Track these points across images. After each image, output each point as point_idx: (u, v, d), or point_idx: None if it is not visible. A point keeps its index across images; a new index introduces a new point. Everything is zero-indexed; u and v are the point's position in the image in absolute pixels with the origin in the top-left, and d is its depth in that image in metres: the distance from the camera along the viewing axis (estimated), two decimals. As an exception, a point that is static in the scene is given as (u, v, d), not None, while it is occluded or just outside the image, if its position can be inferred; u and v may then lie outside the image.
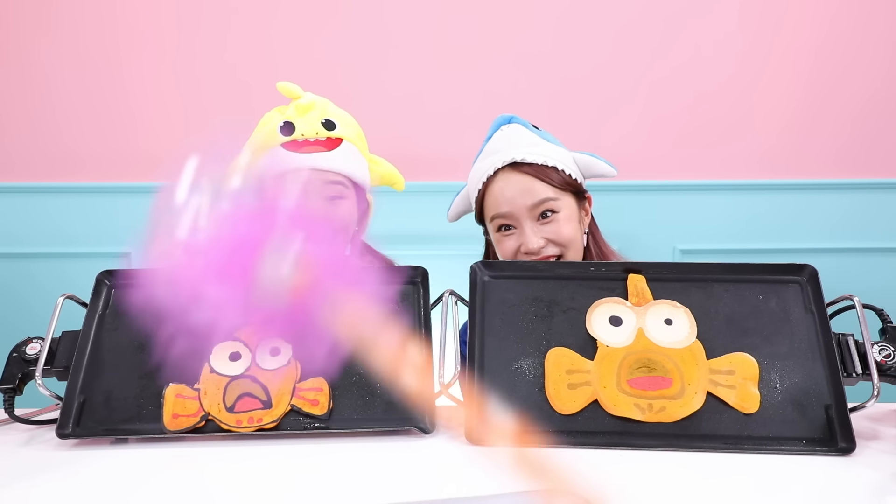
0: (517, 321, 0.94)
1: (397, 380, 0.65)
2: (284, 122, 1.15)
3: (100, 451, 0.85)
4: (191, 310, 0.58)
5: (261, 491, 0.74)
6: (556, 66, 1.92)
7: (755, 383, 0.87)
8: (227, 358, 0.92)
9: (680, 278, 0.96)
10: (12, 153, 1.93)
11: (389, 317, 0.61)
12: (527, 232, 1.15)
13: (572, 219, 1.16)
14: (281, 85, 1.18)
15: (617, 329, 0.92)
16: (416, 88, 1.94)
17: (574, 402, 0.87)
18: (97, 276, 0.99)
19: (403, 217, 1.87)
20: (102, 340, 0.94)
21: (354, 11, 1.91)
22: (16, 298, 1.93)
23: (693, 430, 0.85)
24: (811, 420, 0.85)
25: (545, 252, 1.15)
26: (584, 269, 0.98)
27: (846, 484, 0.75)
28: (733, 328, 0.91)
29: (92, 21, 1.90)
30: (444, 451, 0.85)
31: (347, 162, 1.18)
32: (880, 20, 1.89)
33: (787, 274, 0.95)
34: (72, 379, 0.90)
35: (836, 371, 0.87)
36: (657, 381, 0.88)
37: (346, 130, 1.19)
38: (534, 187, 1.14)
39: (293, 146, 1.14)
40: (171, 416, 0.87)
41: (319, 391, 0.89)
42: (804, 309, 0.92)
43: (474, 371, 0.90)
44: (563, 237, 1.15)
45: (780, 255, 1.92)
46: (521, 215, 1.15)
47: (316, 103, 1.18)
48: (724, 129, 1.92)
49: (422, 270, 1.00)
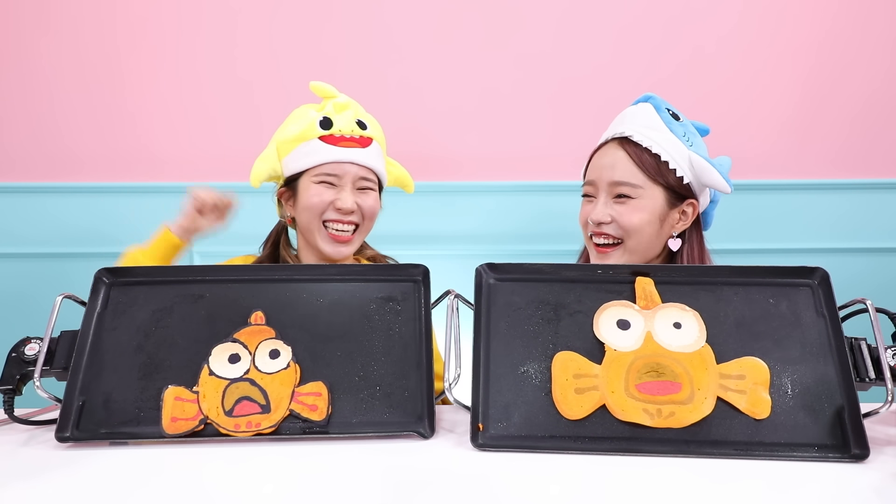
0: (523, 324, 0.92)
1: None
2: (324, 118, 1.25)
3: (98, 452, 0.83)
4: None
5: (260, 493, 0.72)
6: (557, 66, 1.91)
7: (766, 388, 0.85)
8: (226, 360, 0.90)
9: (688, 281, 0.94)
10: (12, 153, 1.92)
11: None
12: (598, 203, 1.17)
13: (647, 210, 1.15)
14: (314, 85, 1.27)
15: (625, 333, 0.90)
16: (417, 88, 1.92)
17: (581, 408, 0.85)
18: (95, 274, 0.97)
19: (404, 217, 1.86)
20: (101, 340, 0.92)
21: (355, 11, 1.90)
22: (16, 298, 1.92)
23: (703, 436, 0.83)
24: (823, 426, 0.83)
25: (606, 230, 1.16)
26: (591, 271, 0.96)
27: (857, 490, 0.73)
28: (743, 332, 0.90)
29: (92, 21, 1.89)
30: (445, 456, 0.83)
31: (377, 160, 1.29)
32: (880, 21, 1.88)
33: (797, 277, 0.94)
34: (70, 380, 0.88)
35: (849, 375, 0.85)
36: (666, 386, 0.86)
37: (374, 132, 1.30)
38: (623, 166, 1.15)
39: (331, 140, 1.24)
40: (170, 419, 0.85)
41: (318, 396, 0.88)
42: (815, 312, 0.91)
43: (479, 374, 0.88)
44: (627, 223, 1.15)
45: (779, 255, 1.93)
46: (601, 187, 1.17)
47: (351, 103, 1.28)
48: (724, 130, 1.90)
49: (422, 268, 0.98)
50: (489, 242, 1.93)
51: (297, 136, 1.25)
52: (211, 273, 0.99)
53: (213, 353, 0.90)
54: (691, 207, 1.19)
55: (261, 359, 0.90)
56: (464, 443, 0.86)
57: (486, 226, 1.93)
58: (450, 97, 1.92)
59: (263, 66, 1.90)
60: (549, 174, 1.89)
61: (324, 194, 1.25)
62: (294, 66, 1.90)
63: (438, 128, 1.93)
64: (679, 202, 1.17)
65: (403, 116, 1.90)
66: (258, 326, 0.93)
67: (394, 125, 1.70)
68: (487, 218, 1.93)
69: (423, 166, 1.86)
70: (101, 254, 1.92)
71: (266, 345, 0.92)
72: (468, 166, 1.94)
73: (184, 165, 1.93)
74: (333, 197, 1.25)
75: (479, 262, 0.95)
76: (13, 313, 1.92)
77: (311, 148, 1.25)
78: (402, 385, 0.89)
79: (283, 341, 0.92)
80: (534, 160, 1.92)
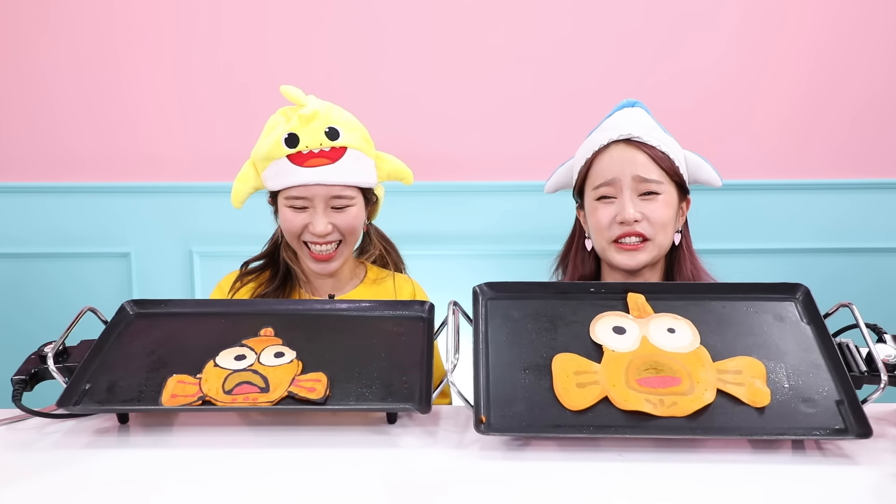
0: (521, 334, 0.94)
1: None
2: (289, 135, 1.18)
3: (102, 452, 0.82)
4: None
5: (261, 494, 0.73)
6: (558, 68, 1.94)
7: (763, 381, 0.87)
8: (231, 358, 0.91)
9: (678, 297, 0.99)
10: (11, 153, 1.92)
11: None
12: (625, 201, 1.13)
13: (671, 206, 1.15)
14: (284, 89, 1.19)
15: (621, 336, 0.93)
16: (415, 87, 1.94)
17: (584, 399, 0.85)
18: (123, 304, 1.00)
19: (405, 216, 1.84)
20: (116, 346, 0.95)
21: (352, 12, 1.93)
22: (15, 298, 1.88)
23: (707, 423, 0.83)
24: (824, 413, 0.84)
25: (637, 228, 1.13)
26: (584, 288, 1.01)
27: (858, 491, 0.74)
28: (734, 336, 0.93)
29: (90, 21, 1.92)
30: (446, 455, 0.83)
31: (352, 171, 1.21)
32: (880, 22, 1.93)
33: (780, 293, 0.99)
34: (80, 370, 0.89)
35: (842, 368, 0.87)
36: (666, 380, 0.87)
37: (349, 137, 1.21)
38: (644, 163, 1.14)
39: (298, 159, 1.17)
40: (170, 395, 0.85)
41: (318, 381, 0.88)
42: (801, 321, 0.95)
43: (479, 374, 0.89)
44: (658, 219, 1.13)
45: (779, 255, 1.93)
46: (624, 185, 1.14)
47: (319, 112, 1.18)
48: (725, 131, 1.95)
49: (428, 304, 1.02)
50: (494, 242, 1.92)
51: (266, 156, 1.20)
52: (231, 305, 1.07)
53: (220, 354, 0.92)
54: (686, 203, 1.23)
55: (266, 357, 0.91)
56: (464, 444, 0.85)
57: (492, 226, 1.93)
58: (450, 96, 1.95)
59: (260, 67, 1.91)
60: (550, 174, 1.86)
61: (296, 219, 1.20)
62: (291, 68, 1.92)
63: (438, 128, 1.95)
64: (682, 199, 1.21)
65: (402, 116, 1.92)
66: (267, 337, 0.96)
67: (392, 125, 1.69)
68: (493, 218, 1.93)
69: (422, 166, 1.87)
70: (100, 254, 1.92)
71: (272, 349, 0.93)
72: (469, 166, 1.96)
73: (182, 165, 1.93)
74: (306, 221, 1.20)
75: (484, 261, 0.99)
76: (13, 313, 1.89)
77: (279, 168, 1.19)
78: (402, 380, 0.90)
79: (290, 347, 0.94)
80: (538, 161, 1.90)
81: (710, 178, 1.20)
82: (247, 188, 1.24)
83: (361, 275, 1.33)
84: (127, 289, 1.95)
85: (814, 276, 1.76)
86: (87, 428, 0.88)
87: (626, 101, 1.22)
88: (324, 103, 1.21)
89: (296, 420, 0.89)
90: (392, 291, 1.30)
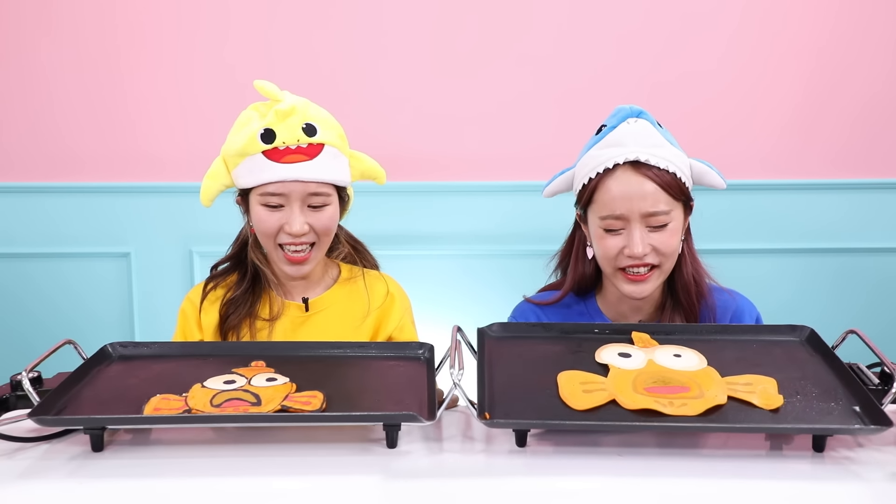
0: (527, 364, 0.93)
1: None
2: (265, 130, 1.14)
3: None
4: None
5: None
6: (558, 69, 1.93)
7: (776, 391, 0.84)
8: (220, 382, 0.89)
9: (683, 339, 0.98)
10: (12, 153, 1.89)
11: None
12: (634, 236, 1.10)
13: (679, 231, 1.13)
14: (259, 84, 1.16)
15: (627, 360, 0.91)
16: (413, 88, 1.92)
17: (590, 401, 0.82)
18: (105, 345, 0.99)
19: (400, 216, 1.79)
20: (97, 376, 0.92)
21: (353, 13, 1.93)
22: (14, 298, 1.79)
23: (719, 421, 0.80)
24: (840, 415, 0.80)
25: (647, 259, 1.10)
26: (588, 329, 1.01)
27: (857, 491, 0.74)
28: (742, 361, 0.91)
29: (92, 21, 1.92)
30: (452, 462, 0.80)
31: (329, 168, 1.18)
32: (881, 23, 1.93)
33: (784, 335, 0.98)
34: (56, 391, 0.85)
35: (856, 382, 0.85)
36: (674, 389, 0.84)
37: (326, 134, 1.18)
38: (653, 195, 1.10)
39: (274, 155, 1.14)
40: (153, 409, 0.81)
41: (313, 397, 0.84)
42: (809, 354, 0.94)
43: (482, 373, 0.89)
44: (668, 249, 1.11)
45: (779, 255, 1.88)
46: (633, 218, 1.10)
47: (296, 107, 1.15)
48: (726, 131, 1.92)
49: (428, 346, 1.01)
50: (493, 243, 1.85)
51: (240, 151, 1.15)
52: (219, 348, 1.04)
53: (208, 379, 0.89)
54: (689, 209, 1.18)
55: (257, 380, 0.89)
56: (468, 449, 0.83)
57: (490, 226, 1.87)
58: (447, 97, 1.93)
59: (261, 68, 1.89)
60: (549, 175, 1.75)
61: (270, 219, 1.15)
62: (292, 69, 1.91)
63: (436, 128, 1.92)
64: (688, 211, 1.17)
65: (401, 116, 1.90)
66: (258, 367, 0.94)
67: (391, 124, 1.68)
68: (491, 218, 1.88)
69: (420, 166, 1.83)
70: (100, 254, 1.88)
71: (264, 375, 0.91)
72: (465, 166, 1.92)
73: (182, 165, 1.90)
74: (282, 220, 1.15)
75: (475, 261, 0.99)
76: (12, 314, 1.80)
77: (254, 164, 1.15)
78: (401, 403, 0.87)
79: (282, 374, 0.91)
80: (533, 161, 1.89)
81: (714, 182, 1.18)
82: (217, 185, 1.20)
83: (335, 274, 1.28)
84: (127, 289, 1.91)
85: (814, 276, 1.79)
86: (60, 451, 0.82)
87: (629, 110, 1.17)
88: (300, 99, 1.18)
89: (290, 438, 0.84)
90: (363, 290, 1.26)
